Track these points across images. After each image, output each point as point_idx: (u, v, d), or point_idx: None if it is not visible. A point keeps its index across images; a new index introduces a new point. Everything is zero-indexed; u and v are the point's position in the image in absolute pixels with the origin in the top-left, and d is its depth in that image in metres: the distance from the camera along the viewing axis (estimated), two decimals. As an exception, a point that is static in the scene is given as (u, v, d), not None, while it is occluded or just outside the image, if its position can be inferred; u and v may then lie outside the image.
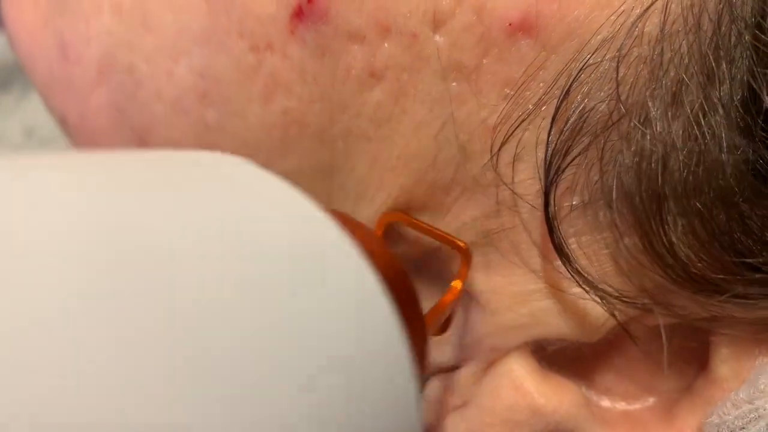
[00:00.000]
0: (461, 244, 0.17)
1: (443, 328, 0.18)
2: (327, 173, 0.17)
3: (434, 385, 0.19)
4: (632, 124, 0.15)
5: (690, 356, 0.18)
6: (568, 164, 0.15)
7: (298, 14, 0.16)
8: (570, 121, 0.15)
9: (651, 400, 0.18)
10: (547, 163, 0.15)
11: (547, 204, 0.15)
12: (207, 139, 0.18)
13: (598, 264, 0.16)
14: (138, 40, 0.18)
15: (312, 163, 0.17)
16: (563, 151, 0.15)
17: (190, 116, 0.18)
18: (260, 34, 0.16)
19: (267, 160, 0.17)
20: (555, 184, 0.15)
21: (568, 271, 0.16)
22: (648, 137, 0.15)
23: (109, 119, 0.19)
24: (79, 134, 0.20)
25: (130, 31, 0.18)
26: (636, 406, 0.18)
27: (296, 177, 0.17)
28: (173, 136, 0.18)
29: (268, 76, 0.17)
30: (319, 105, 0.17)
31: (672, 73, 0.14)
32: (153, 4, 0.18)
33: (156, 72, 0.18)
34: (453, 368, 0.19)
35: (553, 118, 0.15)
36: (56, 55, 0.21)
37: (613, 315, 0.16)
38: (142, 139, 0.19)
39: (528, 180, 0.16)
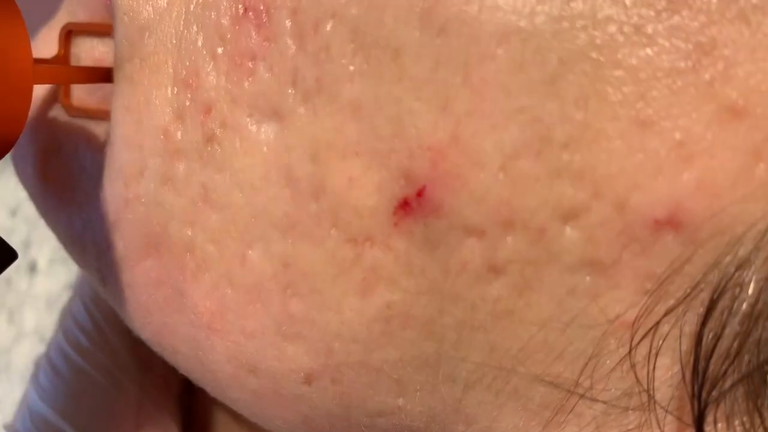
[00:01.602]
0: None
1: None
2: (433, 364, 0.15)
3: None
4: None
5: None
6: (739, 380, 0.14)
7: (404, 206, 0.14)
8: (731, 322, 0.13)
9: None
10: (702, 363, 0.14)
11: (702, 414, 0.14)
12: (290, 330, 0.16)
13: None
14: (200, 217, 0.16)
15: (416, 354, 0.15)
16: (729, 359, 0.13)
17: (269, 307, 0.16)
18: (358, 227, 0.14)
19: (364, 352, 0.15)
20: (720, 396, 0.14)
21: None
22: None
23: (165, 297, 0.17)
24: (126, 304, 0.18)
25: (187, 205, 0.16)
26: None
27: (396, 368, 0.16)
28: (247, 325, 0.16)
29: (368, 270, 0.15)
30: (428, 297, 0.15)
31: None
32: (215, 179, 0.16)
33: (225, 255, 0.16)
34: None
35: (706, 315, 0.14)
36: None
37: None
38: (210, 324, 0.16)
39: (667, 375, 0.14)
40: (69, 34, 0.19)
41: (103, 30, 0.19)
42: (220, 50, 0.15)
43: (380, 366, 0.16)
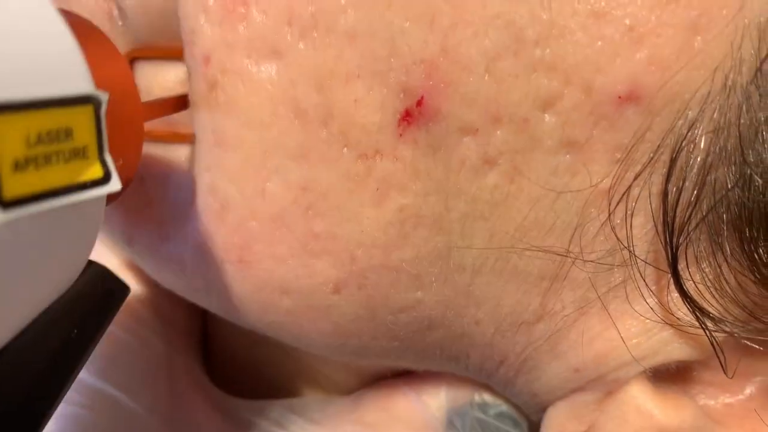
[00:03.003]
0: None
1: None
2: (444, 256, 0.18)
3: (551, 414, 0.21)
4: (735, 163, 0.16)
5: None
6: (702, 219, 0.16)
7: (406, 118, 0.16)
8: (690, 174, 0.16)
9: (749, 390, 0.20)
10: (670, 214, 0.16)
11: (675, 255, 0.16)
12: (316, 247, 0.18)
13: (705, 290, 0.17)
14: (215, 161, 0.18)
15: (429, 249, 0.18)
16: (691, 205, 0.16)
17: (294, 231, 0.18)
18: (367, 143, 0.16)
19: (384, 254, 0.18)
20: (688, 236, 0.16)
21: (686, 305, 0.17)
22: (749, 168, 0.16)
23: (196, 241, 0.19)
24: (154, 256, 0.20)
25: (202, 152, 0.18)
26: (738, 397, 0.20)
27: (413, 264, 0.18)
28: (276, 251, 0.18)
29: (380, 180, 0.17)
30: (435, 197, 0.17)
31: (765, 109, 0.15)
32: (225, 123, 0.17)
33: (245, 191, 0.18)
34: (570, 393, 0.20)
35: (669, 173, 0.16)
36: None
37: (713, 342, 0.17)
38: (240, 257, 0.18)
39: (642, 232, 0.17)
40: (133, 62, 0.19)
41: (168, 53, 0.19)
42: (210, 2, 0.17)
43: (399, 265, 0.18)
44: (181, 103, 0.18)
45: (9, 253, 0.12)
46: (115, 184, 0.13)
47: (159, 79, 0.19)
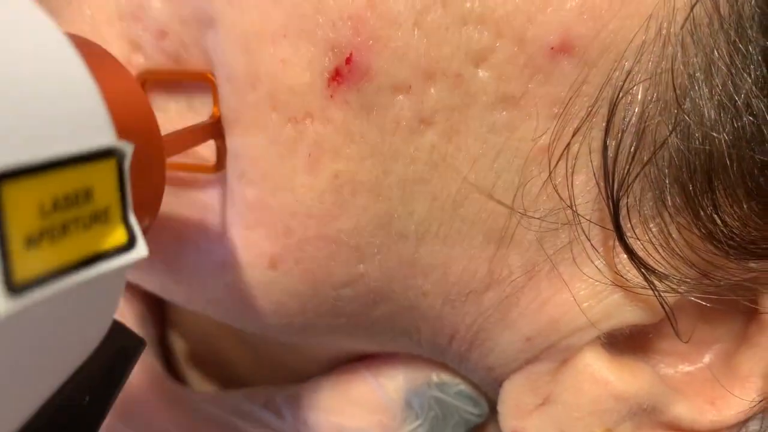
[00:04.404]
0: (209, 77, 0.17)
1: (218, 166, 0.18)
2: (385, 224, 0.17)
3: (506, 388, 0.20)
4: (672, 113, 0.15)
5: (734, 306, 0.19)
6: (641, 171, 0.16)
7: (336, 77, 0.16)
8: (628, 126, 0.16)
9: (707, 358, 0.19)
10: (610, 169, 0.16)
11: (617, 209, 0.16)
12: (250, 218, 0.17)
13: (653, 250, 0.17)
14: None
15: (369, 218, 0.17)
16: (630, 157, 0.16)
17: (230, 198, 0.17)
18: (296, 105, 0.16)
19: (320, 225, 0.17)
20: (628, 188, 0.16)
21: (633, 265, 0.17)
22: (691, 123, 0.15)
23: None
24: None
25: None
26: (697, 365, 0.19)
27: (352, 235, 0.17)
28: (214, 219, 0.18)
29: (311, 145, 0.16)
30: (371, 160, 0.16)
31: (701, 59, 0.15)
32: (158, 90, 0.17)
33: (189, 158, 0.17)
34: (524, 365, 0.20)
35: (607, 127, 0.16)
36: None
37: (662, 302, 0.17)
38: (188, 223, 0.18)
39: (585, 190, 0.17)
40: (144, 84, 0.18)
41: (178, 77, 0.17)
42: None
43: (337, 236, 0.17)
44: (210, 130, 0.16)
45: (21, 339, 0.10)
46: (141, 250, 0.11)
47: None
